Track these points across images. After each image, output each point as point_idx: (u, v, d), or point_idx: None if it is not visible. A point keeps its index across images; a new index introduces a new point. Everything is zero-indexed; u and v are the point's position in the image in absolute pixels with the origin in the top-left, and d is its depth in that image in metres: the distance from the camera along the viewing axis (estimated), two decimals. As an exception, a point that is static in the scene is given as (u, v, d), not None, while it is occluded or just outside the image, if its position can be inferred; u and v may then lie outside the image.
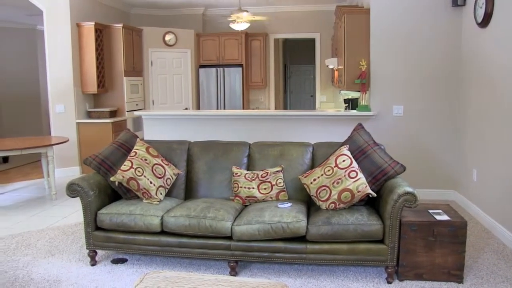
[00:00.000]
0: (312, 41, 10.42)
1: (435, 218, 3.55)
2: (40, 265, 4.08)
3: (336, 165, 3.79)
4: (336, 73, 7.95)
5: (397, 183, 3.62)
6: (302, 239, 3.60)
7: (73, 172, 7.91)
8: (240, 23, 8.76)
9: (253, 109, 10.20)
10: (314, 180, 3.87)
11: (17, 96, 10.68)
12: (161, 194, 4.08)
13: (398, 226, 3.48)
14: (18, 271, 3.96)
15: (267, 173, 4.13)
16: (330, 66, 8.55)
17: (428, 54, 5.76)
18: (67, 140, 6.51)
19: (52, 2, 7.55)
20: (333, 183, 3.71)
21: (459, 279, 3.52)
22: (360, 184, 3.61)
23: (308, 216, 3.73)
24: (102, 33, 8.20)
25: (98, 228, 3.99)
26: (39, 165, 8.70)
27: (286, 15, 10.16)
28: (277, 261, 3.69)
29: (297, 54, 14.32)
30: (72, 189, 3.95)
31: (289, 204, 3.81)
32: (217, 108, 9.99)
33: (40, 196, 6.64)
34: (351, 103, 7.99)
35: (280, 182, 4.09)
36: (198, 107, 10.02)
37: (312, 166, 4.25)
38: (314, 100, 11.54)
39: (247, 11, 8.68)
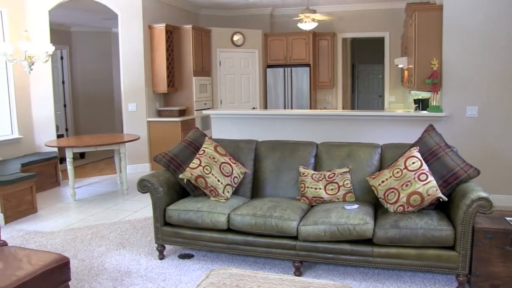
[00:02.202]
0: (381, 40, 10.19)
1: (512, 226, 3.37)
2: (113, 256, 4.27)
3: (406, 167, 3.68)
4: (406, 72, 7.73)
5: (470, 187, 3.47)
6: (368, 242, 3.53)
7: (144, 168, 8.21)
8: (308, 23, 8.72)
9: (320, 109, 10.13)
10: (382, 182, 3.78)
11: (93, 96, 11.23)
12: (228, 192, 4.14)
13: (471, 233, 3.32)
14: (93, 260, 4.18)
15: (334, 173, 4.09)
16: (400, 66, 8.33)
17: (506, 52, 5.45)
18: (138, 138, 6.76)
19: (126, 6, 7.87)
20: (402, 185, 3.62)
21: (540, 292, 3.31)
22: (430, 188, 3.50)
23: (375, 218, 3.65)
24: (172, 34, 8.45)
25: (166, 224, 4.11)
26: (113, 161, 9.09)
27: (354, 14, 10.00)
28: (343, 263, 3.65)
29: (365, 53, 14.04)
30: (143, 185, 4.10)
31: (356, 206, 3.75)
32: (284, 108, 10.01)
33: (113, 191, 6.95)
34: (422, 104, 7.74)
35: (347, 183, 4.03)
36: (265, 107, 10.09)
37: (380, 167, 4.15)
38: (383, 100, 11.27)
39: (315, 10, 8.63)
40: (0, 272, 2.79)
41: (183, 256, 4.22)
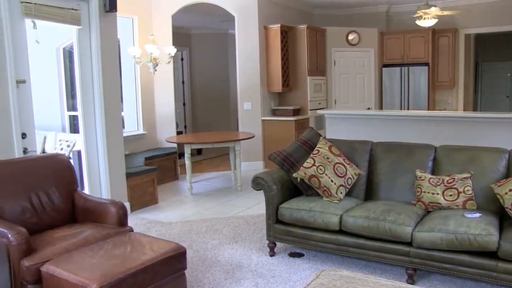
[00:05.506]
0: (509, 35, 9.39)
1: None
2: (225, 249, 4.43)
3: (537, 175, 3.37)
4: (539, 71, 7.07)
5: None
6: (492, 255, 3.27)
7: (257, 166, 8.39)
8: (427, 19, 8.31)
9: (439, 110, 9.62)
10: (510, 190, 3.49)
11: (209, 95, 11.71)
12: (341, 193, 4.10)
13: None
14: (207, 252, 4.38)
15: (454, 179, 3.86)
16: (532, 64, 7.64)
17: None
18: (253, 136, 6.94)
19: (243, 8, 8.11)
20: (533, 195, 3.31)
21: None
22: None
23: (501, 230, 3.37)
24: (287, 34, 8.54)
25: (278, 221, 4.17)
26: (227, 158, 9.40)
27: (479, 7, 9.27)
28: (460, 275, 3.43)
29: (491, 50, 13.03)
30: (257, 183, 4.21)
31: (477, 215, 3.51)
32: (401, 109, 9.65)
33: (227, 187, 7.20)
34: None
35: (468, 190, 3.78)
36: (381, 107, 9.82)
37: (507, 175, 3.84)
38: (511, 101, 10.41)
39: (435, 5, 8.19)
40: (128, 254, 3.08)
41: (293, 255, 4.26)
